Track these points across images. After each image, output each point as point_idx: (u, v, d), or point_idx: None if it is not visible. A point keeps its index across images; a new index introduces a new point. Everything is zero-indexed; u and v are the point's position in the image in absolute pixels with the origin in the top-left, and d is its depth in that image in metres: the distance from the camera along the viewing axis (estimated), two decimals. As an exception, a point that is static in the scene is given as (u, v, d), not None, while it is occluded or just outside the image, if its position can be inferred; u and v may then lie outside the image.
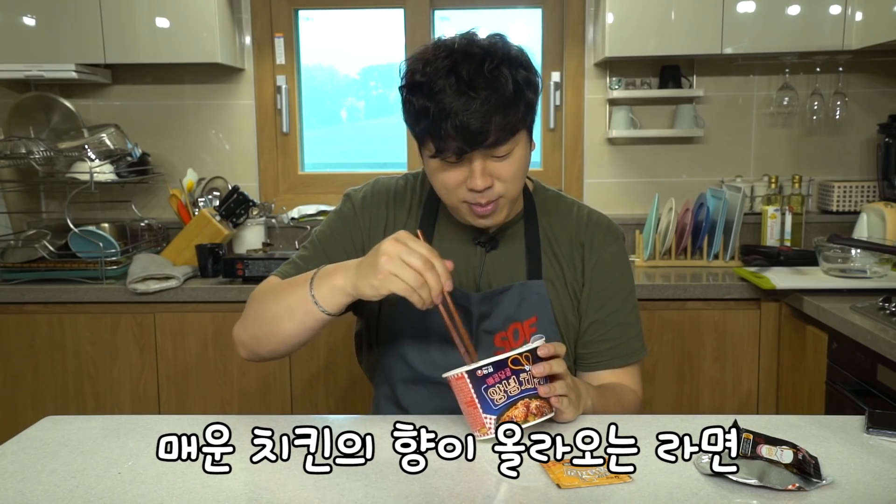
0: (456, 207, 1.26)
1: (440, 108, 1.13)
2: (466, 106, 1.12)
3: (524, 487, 0.94)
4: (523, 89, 1.17)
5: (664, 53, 2.66)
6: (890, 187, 2.67)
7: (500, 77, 1.14)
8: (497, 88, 1.14)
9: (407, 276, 1.06)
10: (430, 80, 1.14)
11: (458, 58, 1.15)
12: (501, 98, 1.14)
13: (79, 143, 2.70)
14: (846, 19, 2.54)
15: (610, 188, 2.98)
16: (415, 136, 1.22)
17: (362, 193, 1.39)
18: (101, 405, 2.48)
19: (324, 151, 3.21)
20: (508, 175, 1.20)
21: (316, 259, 1.34)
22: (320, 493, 0.93)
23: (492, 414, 1.02)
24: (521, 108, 1.17)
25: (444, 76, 1.13)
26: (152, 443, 1.09)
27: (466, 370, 1.02)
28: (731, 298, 2.36)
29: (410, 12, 2.97)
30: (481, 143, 1.15)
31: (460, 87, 1.12)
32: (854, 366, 1.92)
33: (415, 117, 1.17)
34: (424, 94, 1.14)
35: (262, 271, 2.42)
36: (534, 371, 1.04)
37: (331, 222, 1.39)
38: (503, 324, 1.31)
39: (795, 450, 0.95)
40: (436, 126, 1.14)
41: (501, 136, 1.16)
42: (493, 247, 1.34)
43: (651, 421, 1.15)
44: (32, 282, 2.47)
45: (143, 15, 2.64)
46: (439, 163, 1.19)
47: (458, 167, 1.19)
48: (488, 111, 1.13)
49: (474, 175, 1.18)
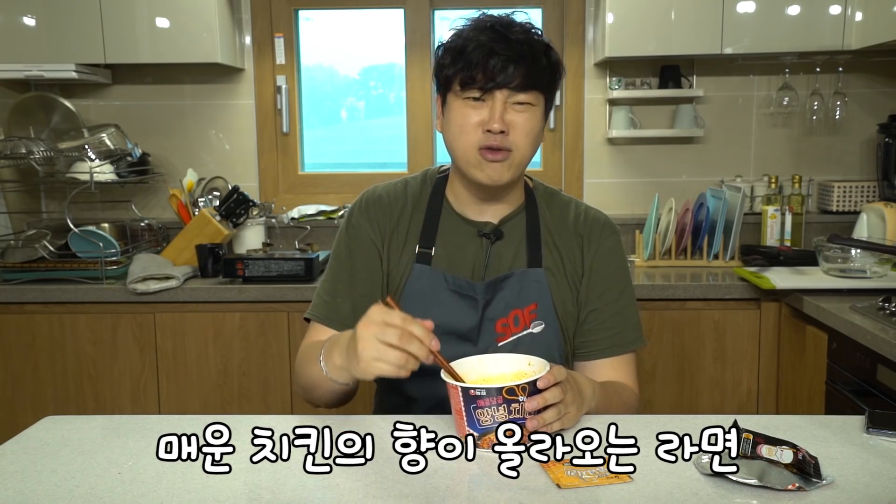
0: (467, 154, 1.27)
1: (478, 44, 1.22)
2: (501, 45, 1.21)
3: (524, 487, 0.94)
4: (551, 57, 1.27)
5: (664, 53, 2.66)
6: (890, 187, 2.67)
7: (536, 43, 1.25)
8: (532, 46, 1.24)
9: (389, 356, 1.02)
10: (471, 31, 1.25)
11: (498, 20, 1.26)
12: (533, 53, 1.23)
13: (79, 143, 2.70)
14: (846, 19, 2.54)
15: (610, 188, 2.98)
16: (444, 81, 1.28)
17: (361, 204, 1.40)
18: (101, 405, 2.48)
19: (324, 151, 3.21)
20: (523, 129, 1.26)
21: (342, 289, 1.35)
22: (320, 493, 0.93)
23: (475, 431, 1.03)
24: (547, 74, 1.26)
25: (484, 29, 1.24)
26: (152, 443, 1.09)
27: (461, 386, 1.03)
28: (730, 298, 2.37)
29: (410, 12, 2.97)
30: (507, 82, 1.22)
31: (497, 31, 1.23)
32: (854, 366, 1.92)
33: (449, 60, 1.25)
34: (464, 38, 1.24)
35: (262, 271, 2.43)
36: (527, 406, 1.03)
37: (344, 244, 1.39)
38: (504, 310, 1.33)
39: (795, 450, 0.95)
40: (468, 59, 1.22)
41: (526, 81, 1.23)
42: (498, 237, 1.36)
43: (651, 421, 1.15)
44: (32, 282, 2.47)
45: (143, 15, 2.64)
46: (461, 102, 1.25)
47: (478, 107, 1.24)
48: (521, 55, 1.22)
49: (494, 114, 1.23)
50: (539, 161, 3.04)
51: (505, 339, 1.33)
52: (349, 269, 1.36)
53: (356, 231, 1.38)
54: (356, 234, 1.38)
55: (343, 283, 1.36)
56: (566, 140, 2.98)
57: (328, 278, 1.38)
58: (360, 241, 1.37)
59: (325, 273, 1.40)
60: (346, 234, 1.39)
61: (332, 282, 1.37)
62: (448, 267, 1.34)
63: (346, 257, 1.38)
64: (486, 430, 1.02)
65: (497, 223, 1.37)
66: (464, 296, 1.33)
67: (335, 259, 1.39)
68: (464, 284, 1.33)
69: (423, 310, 1.26)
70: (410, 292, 1.34)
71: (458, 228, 1.37)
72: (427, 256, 1.35)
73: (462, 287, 1.33)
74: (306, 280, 2.42)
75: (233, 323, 2.43)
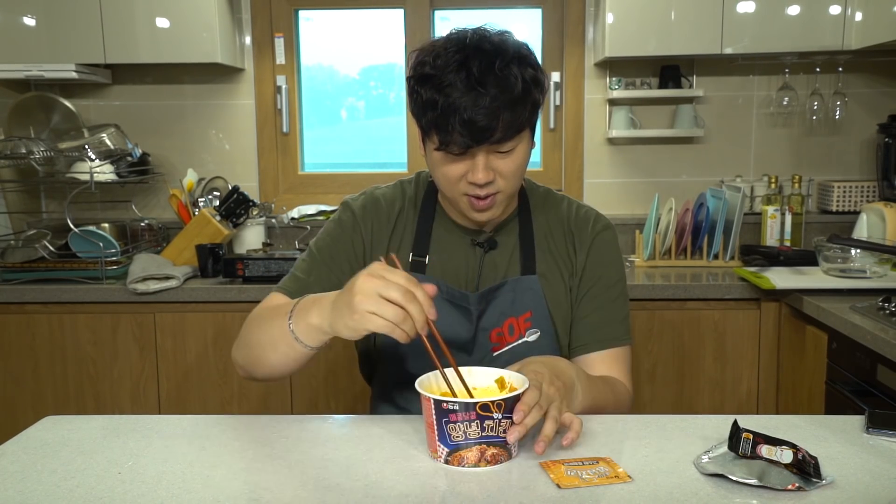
0: (455, 200, 1.27)
1: (449, 103, 1.14)
2: (475, 102, 1.13)
3: (524, 487, 0.94)
4: (531, 88, 1.18)
5: (664, 53, 2.66)
6: (890, 187, 2.67)
7: (510, 75, 1.15)
8: (507, 87, 1.15)
9: (386, 312, 0.98)
10: (440, 73, 1.15)
11: (469, 53, 1.16)
12: (510, 96, 1.15)
13: (79, 143, 2.70)
14: (846, 19, 2.54)
15: (610, 188, 2.98)
16: (420, 126, 1.23)
17: (361, 202, 1.38)
18: (101, 405, 2.48)
19: (324, 151, 3.21)
20: (510, 171, 1.22)
21: (317, 270, 1.33)
22: (320, 493, 0.93)
23: (445, 447, 0.98)
24: (528, 107, 1.19)
25: (454, 70, 1.14)
26: (152, 443, 1.09)
27: (434, 398, 0.98)
28: (730, 298, 2.37)
29: (410, 12, 2.97)
30: (487, 139, 1.16)
31: (470, 83, 1.13)
32: (854, 366, 1.92)
33: (422, 109, 1.18)
34: (434, 87, 1.15)
35: (262, 271, 2.42)
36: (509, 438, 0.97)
37: (331, 231, 1.38)
38: (498, 319, 1.31)
39: (795, 450, 0.95)
40: (443, 119, 1.15)
41: (508, 133, 1.17)
42: (492, 247, 1.35)
43: (651, 421, 1.15)
44: (32, 282, 2.47)
45: (143, 15, 2.64)
46: (443, 155, 1.21)
47: (461, 160, 1.21)
48: (497, 108, 1.14)
49: (476, 169, 1.19)
50: (539, 161, 3.04)
51: (500, 348, 1.31)
52: (330, 256, 1.34)
53: (349, 224, 1.36)
54: (346, 229, 1.36)
55: (322, 265, 1.34)
56: (566, 140, 2.98)
57: (306, 258, 1.36)
58: (348, 236, 1.35)
59: (303, 254, 1.38)
60: (336, 225, 1.37)
61: (310, 262, 1.35)
62: (442, 275, 1.33)
63: (329, 243, 1.36)
64: (457, 447, 0.97)
65: (491, 231, 1.35)
66: (458, 306, 1.31)
67: (317, 244, 1.37)
68: (457, 294, 1.31)
69: None
70: None
71: (452, 237, 1.36)
72: (421, 265, 1.33)
73: (456, 297, 1.31)
74: (306, 280, 2.42)
75: (233, 323, 2.43)
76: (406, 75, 1.22)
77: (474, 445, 0.97)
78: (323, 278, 1.32)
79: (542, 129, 3.02)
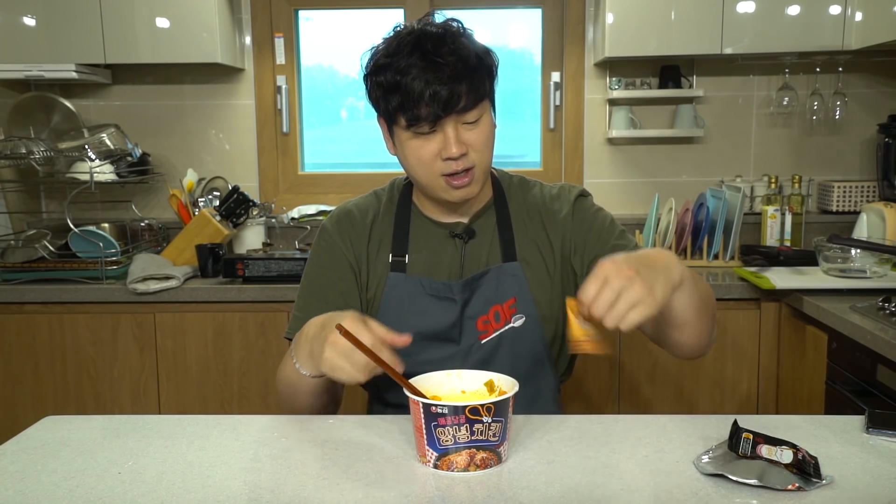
0: (431, 184, 1.28)
1: (411, 79, 1.18)
2: (436, 73, 1.17)
3: (524, 487, 0.94)
4: (483, 57, 1.24)
5: (664, 53, 2.66)
6: (890, 187, 2.67)
7: (462, 47, 1.21)
8: (462, 56, 1.20)
9: (347, 369, 1.04)
10: (395, 60, 1.20)
11: (418, 35, 1.21)
12: (467, 64, 1.20)
13: (79, 143, 2.70)
14: (846, 19, 2.54)
15: (610, 188, 2.98)
16: (385, 115, 1.26)
17: (334, 218, 1.40)
18: (101, 405, 2.48)
19: (324, 151, 3.21)
20: (479, 143, 1.25)
21: (315, 307, 1.33)
22: (320, 493, 0.93)
23: (434, 451, 0.97)
24: (486, 75, 1.24)
25: (408, 54, 1.19)
26: (152, 443, 1.09)
27: (423, 401, 0.97)
28: (731, 298, 2.36)
29: (410, 12, 2.97)
30: (454, 107, 1.19)
31: (427, 59, 1.18)
32: (854, 366, 1.92)
33: (384, 95, 1.22)
34: (393, 71, 1.19)
35: (262, 271, 2.42)
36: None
37: (316, 261, 1.39)
38: (483, 307, 1.32)
39: (795, 450, 0.95)
40: (408, 97, 1.18)
41: (471, 99, 1.21)
42: (471, 237, 1.36)
43: (651, 421, 1.15)
44: (32, 282, 2.47)
45: (143, 15, 2.64)
46: (412, 136, 1.23)
47: (431, 139, 1.23)
48: (457, 76, 1.18)
49: (449, 142, 1.22)
50: (539, 161, 3.04)
51: (487, 335, 1.32)
52: (322, 283, 1.36)
53: (328, 246, 1.37)
54: (328, 249, 1.37)
55: (315, 297, 1.35)
56: (566, 140, 2.98)
57: (301, 296, 1.38)
58: (331, 255, 1.37)
59: (298, 293, 1.40)
60: (317, 250, 1.39)
61: (305, 298, 1.37)
62: (425, 271, 1.34)
63: (317, 273, 1.37)
64: (446, 451, 0.97)
65: (468, 222, 1.37)
66: (442, 298, 1.32)
67: (306, 277, 1.39)
68: (440, 287, 1.32)
69: (400, 318, 1.28)
70: (388, 302, 1.33)
71: (430, 232, 1.37)
72: (401, 264, 1.34)
73: (439, 290, 1.32)
74: (306, 280, 2.42)
75: (233, 323, 2.43)
76: (363, 74, 1.26)
77: (464, 450, 0.97)
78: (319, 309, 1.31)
79: (541, 129, 3.03)
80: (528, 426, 1.12)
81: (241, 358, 2.45)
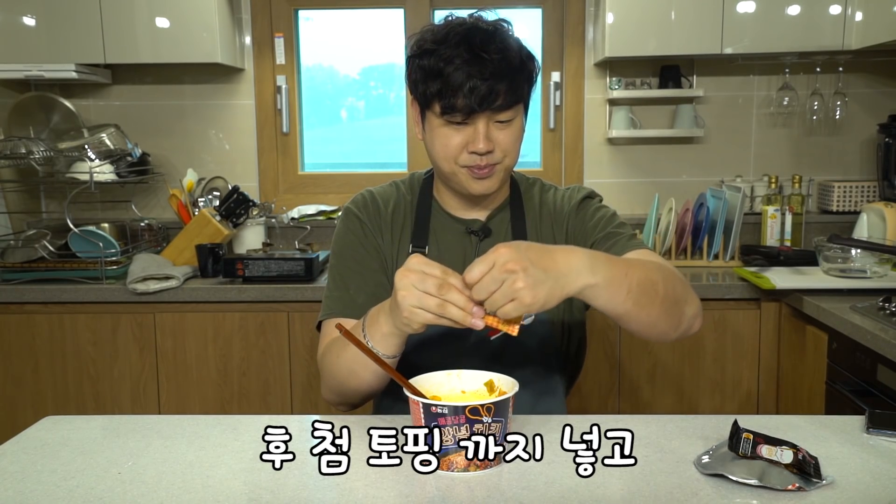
0: (453, 172, 1.28)
1: (454, 69, 1.19)
2: (479, 68, 1.19)
3: (524, 487, 0.94)
4: (527, 62, 1.25)
5: (664, 53, 2.66)
6: (890, 187, 2.67)
7: (510, 47, 1.22)
8: (507, 56, 1.21)
9: (428, 304, 1.00)
10: (441, 47, 1.21)
11: (469, 28, 1.22)
12: (510, 65, 1.21)
13: (79, 143, 2.70)
14: (846, 19, 2.54)
15: (610, 188, 2.98)
16: (421, 98, 1.26)
17: (359, 202, 1.40)
18: (101, 405, 2.48)
19: (324, 151, 3.21)
20: (507, 142, 1.26)
21: (353, 280, 1.33)
22: (320, 493, 0.93)
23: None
24: (526, 79, 1.25)
25: (455, 45, 1.20)
26: (152, 443, 1.09)
27: (423, 402, 0.97)
28: (731, 298, 2.36)
29: (410, 12, 2.97)
30: (490, 104, 1.20)
31: (473, 52, 1.19)
32: (854, 366, 1.92)
33: (424, 79, 1.23)
34: (437, 57, 1.21)
35: (262, 271, 2.42)
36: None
37: (346, 242, 1.38)
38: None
39: (795, 450, 0.95)
40: (447, 85, 1.20)
41: (508, 99, 1.22)
42: (486, 234, 1.37)
43: (651, 421, 1.15)
44: (32, 282, 2.47)
45: (143, 15, 2.64)
46: (444, 124, 1.24)
47: (461, 130, 1.24)
48: (499, 74, 1.20)
49: (478, 137, 1.23)
50: (539, 161, 3.04)
51: (496, 332, 1.32)
52: (357, 259, 1.35)
53: (357, 225, 1.37)
54: (357, 228, 1.37)
55: (354, 273, 1.34)
56: (566, 140, 2.98)
57: (335, 275, 1.36)
58: (362, 234, 1.37)
59: (328, 274, 1.39)
60: (346, 229, 1.38)
61: (341, 276, 1.35)
62: None
63: (351, 250, 1.36)
64: (447, 451, 0.96)
65: (485, 220, 1.38)
66: None
67: (338, 256, 1.37)
68: None
69: None
70: None
71: (448, 226, 1.38)
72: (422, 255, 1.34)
73: None
74: (306, 280, 2.42)
75: (233, 323, 2.43)
76: (407, 56, 1.27)
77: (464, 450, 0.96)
78: (361, 285, 1.33)
79: (541, 129, 3.03)
80: (528, 426, 1.12)
81: (241, 358, 2.45)
